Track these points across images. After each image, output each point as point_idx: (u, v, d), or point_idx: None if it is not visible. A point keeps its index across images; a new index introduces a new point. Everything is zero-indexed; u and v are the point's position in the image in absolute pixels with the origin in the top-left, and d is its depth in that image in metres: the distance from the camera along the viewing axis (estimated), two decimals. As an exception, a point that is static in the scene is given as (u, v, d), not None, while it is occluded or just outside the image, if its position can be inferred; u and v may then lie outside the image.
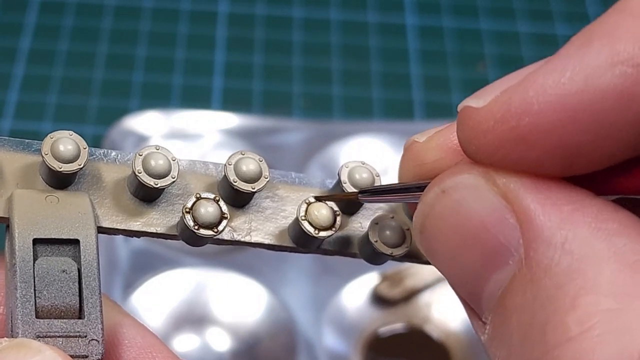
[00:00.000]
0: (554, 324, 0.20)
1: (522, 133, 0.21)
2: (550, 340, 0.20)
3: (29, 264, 0.24)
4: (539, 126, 0.20)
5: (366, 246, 0.27)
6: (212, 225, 0.26)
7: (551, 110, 0.21)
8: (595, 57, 0.21)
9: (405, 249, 0.27)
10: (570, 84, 0.21)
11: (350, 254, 0.28)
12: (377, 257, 0.27)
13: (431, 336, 0.56)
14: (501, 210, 0.21)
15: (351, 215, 0.28)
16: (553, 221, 0.21)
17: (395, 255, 0.27)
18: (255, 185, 0.27)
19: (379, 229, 0.27)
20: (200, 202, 0.26)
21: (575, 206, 0.21)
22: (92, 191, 0.26)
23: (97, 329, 0.23)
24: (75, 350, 0.23)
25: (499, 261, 0.21)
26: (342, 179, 0.27)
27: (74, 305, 0.24)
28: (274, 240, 0.27)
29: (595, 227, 0.20)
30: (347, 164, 0.28)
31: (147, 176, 0.26)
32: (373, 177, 0.28)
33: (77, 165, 0.25)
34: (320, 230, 0.26)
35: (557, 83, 0.21)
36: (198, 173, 0.27)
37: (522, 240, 0.21)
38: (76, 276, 0.24)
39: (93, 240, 0.25)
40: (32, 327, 0.23)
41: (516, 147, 0.21)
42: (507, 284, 0.21)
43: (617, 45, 0.21)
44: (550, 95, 0.21)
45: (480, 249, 0.22)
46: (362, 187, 0.27)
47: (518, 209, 0.21)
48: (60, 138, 0.25)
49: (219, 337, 0.55)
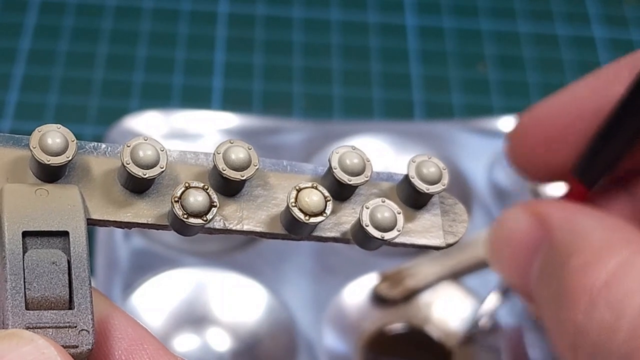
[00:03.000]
0: (572, 270, 0.33)
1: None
2: (567, 282, 0.33)
3: (18, 257, 0.24)
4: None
5: (359, 231, 0.27)
6: (202, 214, 0.26)
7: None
8: None
9: (397, 232, 0.27)
10: None
11: (343, 240, 0.28)
12: (369, 242, 0.27)
13: (431, 336, 0.56)
14: (532, 223, 0.36)
15: (344, 202, 0.28)
16: (563, 217, 0.35)
17: (386, 239, 0.27)
18: (244, 173, 0.27)
19: (370, 213, 0.27)
20: (189, 191, 0.26)
21: (577, 208, 0.36)
22: (83, 184, 0.26)
23: (87, 319, 0.24)
24: (66, 341, 0.23)
25: (535, 251, 0.36)
26: (332, 165, 0.27)
27: (63, 296, 0.24)
28: (266, 228, 0.27)
29: (594, 216, 0.35)
30: (338, 150, 0.27)
31: (135, 167, 0.26)
32: (364, 162, 0.27)
33: (66, 157, 0.25)
34: (311, 216, 0.26)
35: None
36: (189, 164, 0.27)
37: (546, 235, 0.35)
38: (66, 268, 0.24)
39: (82, 232, 0.25)
40: (22, 319, 0.23)
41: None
42: (540, 262, 0.35)
43: None
44: None
45: (524, 249, 0.37)
46: (352, 172, 0.27)
47: (543, 218, 0.36)
48: (48, 131, 0.26)
49: (219, 337, 0.55)
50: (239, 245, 0.59)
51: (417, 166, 0.28)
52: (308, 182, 0.27)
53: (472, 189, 0.61)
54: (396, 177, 0.29)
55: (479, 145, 0.63)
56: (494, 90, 0.71)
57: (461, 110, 0.69)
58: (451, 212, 0.29)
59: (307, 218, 0.26)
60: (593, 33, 0.76)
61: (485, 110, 0.69)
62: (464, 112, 0.69)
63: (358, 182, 0.27)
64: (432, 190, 0.28)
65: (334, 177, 0.27)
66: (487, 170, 0.62)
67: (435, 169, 0.28)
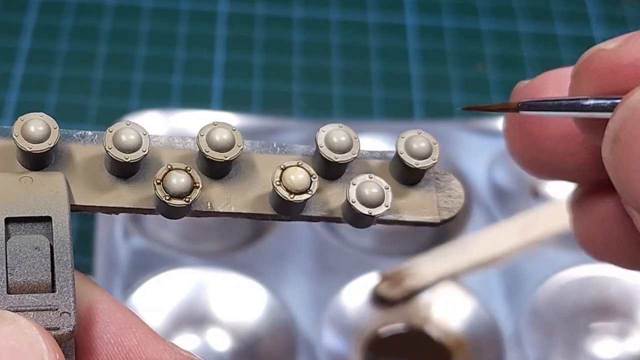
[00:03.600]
0: None
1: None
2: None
3: (0, 243, 0.24)
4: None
5: (348, 209, 0.27)
6: (183, 195, 0.25)
7: None
8: None
9: (385, 207, 0.26)
10: None
11: (334, 219, 0.27)
12: (358, 219, 0.27)
13: (431, 336, 0.56)
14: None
15: (334, 181, 0.28)
16: None
17: (373, 214, 0.26)
18: (228, 154, 0.26)
19: (356, 189, 0.27)
20: (171, 173, 0.25)
21: None
22: (68, 171, 0.26)
23: (69, 301, 0.24)
24: (47, 323, 0.23)
25: None
26: (318, 143, 0.27)
27: (46, 280, 0.24)
28: (254, 209, 0.27)
29: None
30: (324, 128, 0.27)
31: (117, 151, 0.26)
32: (351, 139, 0.27)
33: (48, 144, 0.25)
34: (296, 194, 0.26)
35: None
36: (176, 148, 0.27)
37: None
38: (48, 252, 0.24)
39: (66, 217, 0.25)
40: (3, 303, 0.23)
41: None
42: None
43: None
44: None
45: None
46: (339, 150, 0.27)
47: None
48: (31, 119, 0.26)
49: (219, 337, 0.55)
50: (239, 245, 0.59)
51: (406, 141, 0.27)
52: (293, 161, 0.26)
53: (472, 189, 0.61)
54: (389, 155, 0.28)
55: (479, 145, 0.63)
56: (494, 90, 0.71)
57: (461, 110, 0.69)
58: (446, 188, 0.28)
59: (292, 196, 0.26)
60: (593, 33, 0.76)
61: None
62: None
63: (345, 160, 0.27)
64: (422, 165, 0.27)
65: (321, 156, 0.27)
66: (487, 170, 0.62)
67: (426, 143, 0.27)
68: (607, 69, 0.23)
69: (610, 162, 0.23)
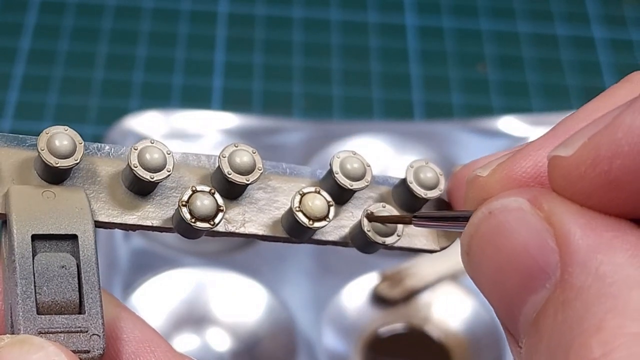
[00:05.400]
0: (578, 345, 0.20)
1: (614, 176, 0.20)
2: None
3: (28, 261, 0.24)
4: (631, 167, 0.20)
5: (359, 235, 0.27)
6: (209, 218, 0.26)
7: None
8: None
9: (397, 237, 0.27)
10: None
11: (342, 244, 0.28)
12: (369, 246, 0.28)
13: (431, 336, 0.56)
14: (543, 233, 0.21)
15: (342, 205, 0.28)
16: (591, 245, 0.21)
17: (387, 244, 0.27)
18: (249, 177, 0.27)
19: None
20: (196, 195, 0.26)
21: (615, 234, 0.21)
22: (87, 186, 0.26)
23: (98, 323, 0.24)
24: (77, 346, 0.23)
25: (536, 284, 0.21)
26: (333, 170, 0.27)
27: (74, 300, 0.24)
28: (268, 231, 0.27)
29: (632, 254, 0.20)
30: (339, 154, 0.28)
31: (143, 170, 0.26)
32: (364, 167, 0.28)
33: (74, 160, 0.25)
34: (315, 221, 0.26)
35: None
36: (191, 166, 0.28)
37: (559, 264, 0.21)
38: (75, 271, 0.24)
39: (91, 235, 0.25)
40: (34, 324, 0.23)
41: (609, 191, 0.20)
42: (542, 306, 0.21)
43: None
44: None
45: (519, 271, 0.22)
46: (354, 177, 0.27)
47: (559, 232, 0.21)
48: (56, 133, 0.25)
49: (219, 337, 0.55)
50: (238, 245, 0.59)
51: (415, 171, 0.28)
52: (311, 187, 0.27)
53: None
54: (391, 181, 0.29)
55: (479, 145, 0.63)
56: (494, 90, 0.72)
57: (461, 110, 0.69)
58: None
59: (311, 223, 0.26)
60: (593, 33, 0.76)
61: (485, 110, 0.69)
62: (464, 112, 0.69)
63: (359, 187, 0.27)
64: (430, 196, 0.28)
65: (334, 181, 0.27)
66: (487, 170, 0.62)
67: (432, 174, 0.28)
68: (482, 195, 0.24)
69: (468, 272, 0.24)
